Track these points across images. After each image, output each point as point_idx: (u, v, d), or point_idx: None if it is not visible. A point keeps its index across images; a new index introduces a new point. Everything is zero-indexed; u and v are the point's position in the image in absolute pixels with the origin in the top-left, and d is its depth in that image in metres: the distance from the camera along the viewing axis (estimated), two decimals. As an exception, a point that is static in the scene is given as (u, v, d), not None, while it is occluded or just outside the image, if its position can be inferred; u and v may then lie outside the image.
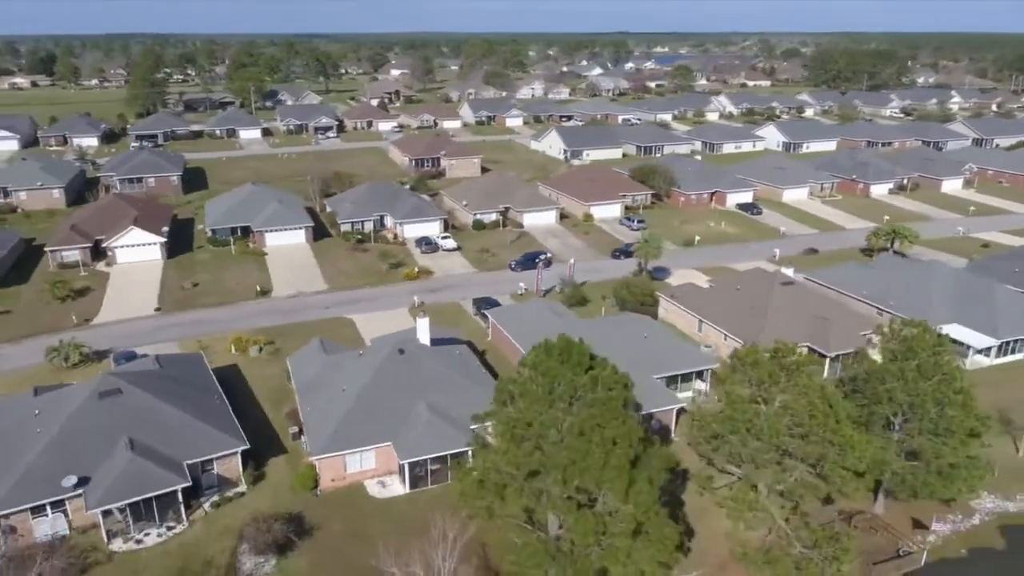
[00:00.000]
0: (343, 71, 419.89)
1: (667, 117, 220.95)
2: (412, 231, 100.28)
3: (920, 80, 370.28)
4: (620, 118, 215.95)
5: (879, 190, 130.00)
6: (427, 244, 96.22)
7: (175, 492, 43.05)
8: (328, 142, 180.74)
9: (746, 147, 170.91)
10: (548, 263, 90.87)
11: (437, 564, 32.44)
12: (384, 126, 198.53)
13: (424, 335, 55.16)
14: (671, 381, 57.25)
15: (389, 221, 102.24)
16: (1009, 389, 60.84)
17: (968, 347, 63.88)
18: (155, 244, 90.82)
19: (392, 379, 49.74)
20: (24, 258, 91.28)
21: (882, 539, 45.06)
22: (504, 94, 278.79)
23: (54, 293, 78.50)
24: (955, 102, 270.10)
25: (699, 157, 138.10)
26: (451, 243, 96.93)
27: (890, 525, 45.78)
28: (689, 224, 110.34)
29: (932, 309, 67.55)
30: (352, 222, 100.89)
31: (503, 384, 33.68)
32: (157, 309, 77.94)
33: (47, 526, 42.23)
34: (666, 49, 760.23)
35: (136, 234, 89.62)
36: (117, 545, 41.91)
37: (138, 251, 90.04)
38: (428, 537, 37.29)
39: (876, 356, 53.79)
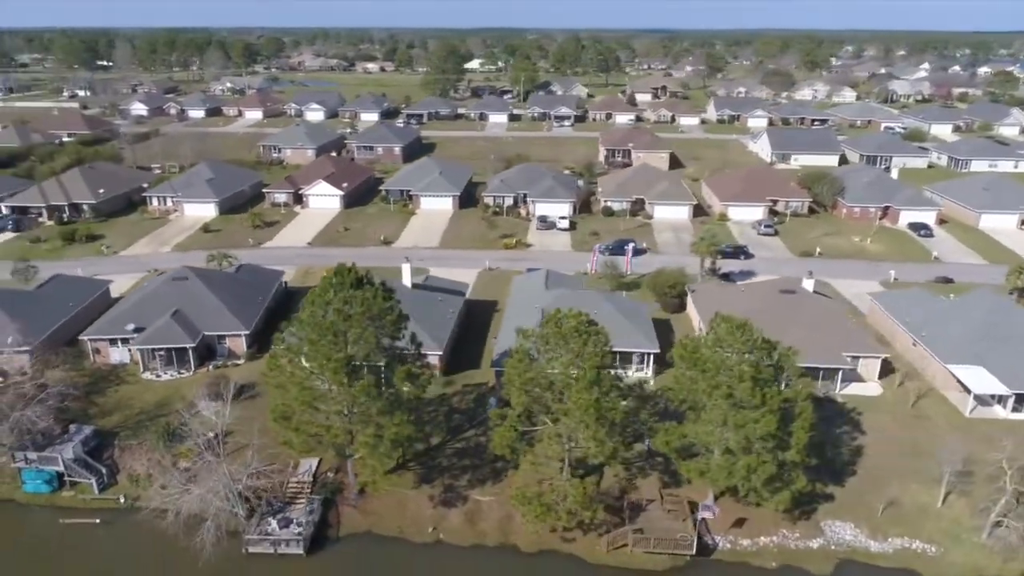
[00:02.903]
0: (645, 65, 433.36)
1: (945, 128, 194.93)
2: (542, 209, 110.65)
3: None
4: (883, 125, 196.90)
5: None
6: (542, 221, 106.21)
7: (186, 349, 61.85)
8: (560, 130, 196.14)
9: (1004, 166, 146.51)
10: (641, 251, 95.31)
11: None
12: (621, 119, 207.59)
13: (407, 279, 67.45)
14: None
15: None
16: (996, 446, 52.54)
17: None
18: (336, 196, 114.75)
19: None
20: (258, 197, 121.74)
21: (679, 524, 46.23)
22: (783, 94, 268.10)
23: (251, 222, 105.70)
24: None
25: (895, 173, 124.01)
26: (564, 223, 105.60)
27: (686, 512, 46.61)
28: (831, 236, 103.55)
29: (960, 346, 60.28)
30: (494, 196, 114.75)
31: (308, 294, 45.03)
32: (309, 243, 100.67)
33: (118, 354, 64.00)
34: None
35: (323, 187, 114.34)
36: (146, 376, 62.06)
37: (324, 200, 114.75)
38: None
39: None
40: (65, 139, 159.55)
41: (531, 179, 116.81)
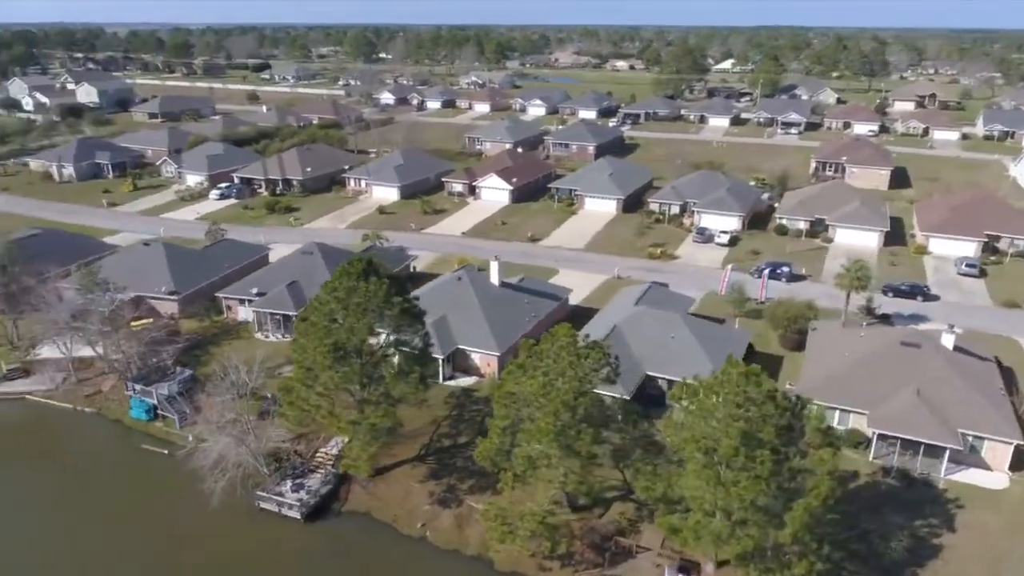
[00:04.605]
0: (932, 69, 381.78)
1: None
2: (706, 221, 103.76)
3: None
4: None
5: None
6: (700, 234, 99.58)
7: (290, 317, 68.57)
8: (784, 137, 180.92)
9: None
10: (799, 277, 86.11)
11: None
12: (861, 128, 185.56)
13: (494, 276, 67.88)
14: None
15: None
16: None
17: None
18: (505, 190, 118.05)
19: (440, 292, 65.59)
20: (440, 185, 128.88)
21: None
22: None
23: (422, 208, 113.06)
24: None
25: None
26: (724, 238, 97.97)
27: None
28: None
29: None
30: (659, 202, 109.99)
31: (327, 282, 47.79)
32: (463, 233, 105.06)
33: (244, 313, 72.87)
34: None
35: (494, 180, 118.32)
36: (258, 335, 69.97)
37: (494, 193, 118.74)
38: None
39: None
40: (314, 122, 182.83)
41: (705, 188, 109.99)
